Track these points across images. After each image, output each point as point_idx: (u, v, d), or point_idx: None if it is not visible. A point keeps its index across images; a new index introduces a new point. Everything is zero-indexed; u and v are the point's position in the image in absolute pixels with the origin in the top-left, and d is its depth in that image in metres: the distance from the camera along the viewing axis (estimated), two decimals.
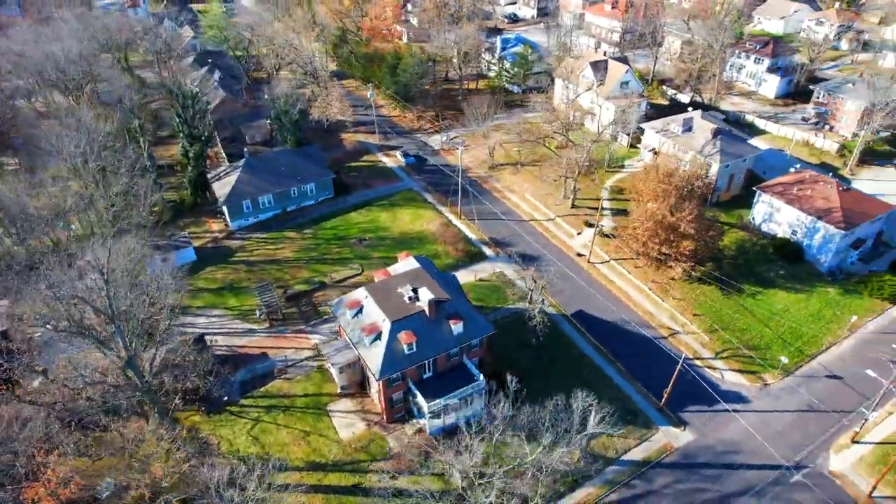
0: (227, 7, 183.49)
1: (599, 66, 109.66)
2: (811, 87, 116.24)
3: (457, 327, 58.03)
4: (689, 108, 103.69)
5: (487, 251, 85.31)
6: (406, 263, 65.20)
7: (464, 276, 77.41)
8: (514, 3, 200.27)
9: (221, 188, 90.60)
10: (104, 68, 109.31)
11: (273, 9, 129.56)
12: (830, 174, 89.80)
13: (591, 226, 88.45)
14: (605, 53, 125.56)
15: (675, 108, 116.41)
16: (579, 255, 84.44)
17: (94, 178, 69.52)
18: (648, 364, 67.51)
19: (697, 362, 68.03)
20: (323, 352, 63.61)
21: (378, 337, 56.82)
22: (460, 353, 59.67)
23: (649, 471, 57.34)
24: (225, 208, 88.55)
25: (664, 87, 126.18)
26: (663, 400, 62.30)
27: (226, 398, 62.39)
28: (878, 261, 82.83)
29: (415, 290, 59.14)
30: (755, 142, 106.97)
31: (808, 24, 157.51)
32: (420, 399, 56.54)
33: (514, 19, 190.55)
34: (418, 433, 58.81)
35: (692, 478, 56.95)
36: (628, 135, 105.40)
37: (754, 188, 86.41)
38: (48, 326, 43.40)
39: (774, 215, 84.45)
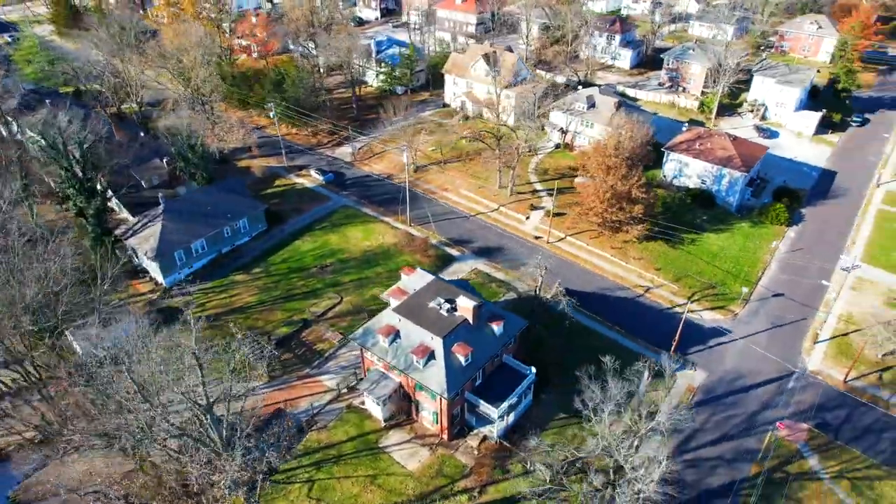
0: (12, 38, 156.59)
1: (491, 58, 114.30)
2: (661, 55, 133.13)
3: (498, 328, 58.25)
4: (580, 87, 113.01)
5: (453, 252, 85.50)
6: (418, 277, 63.38)
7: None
8: (355, 6, 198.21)
9: (142, 243, 78.85)
10: None
11: (111, 41, 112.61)
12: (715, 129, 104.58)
13: (536, 209, 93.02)
14: (492, 45, 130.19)
15: (555, 88, 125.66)
16: (536, 237, 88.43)
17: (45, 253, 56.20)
18: (641, 321, 73.77)
19: (678, 309, 75.85)
20: (360, 388, 59.59)
21: (431, 357, 54.89)
22: (501, 353, 60.03)
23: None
24: (155, 264, 77.37)
25: (540, 71, 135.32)
26: (672, 349, 68.87)
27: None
28: (763, 194, 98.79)
29: (450, 301, 57.98)
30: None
31: (626, 3, 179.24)
32: (485, 406, 55.93)
33: (359, 22, 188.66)
34: (483, 441, 58.21)
35: (720, 408, 64.07)
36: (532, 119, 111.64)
37: (663, 149, 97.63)
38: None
39: (683, 170, 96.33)
